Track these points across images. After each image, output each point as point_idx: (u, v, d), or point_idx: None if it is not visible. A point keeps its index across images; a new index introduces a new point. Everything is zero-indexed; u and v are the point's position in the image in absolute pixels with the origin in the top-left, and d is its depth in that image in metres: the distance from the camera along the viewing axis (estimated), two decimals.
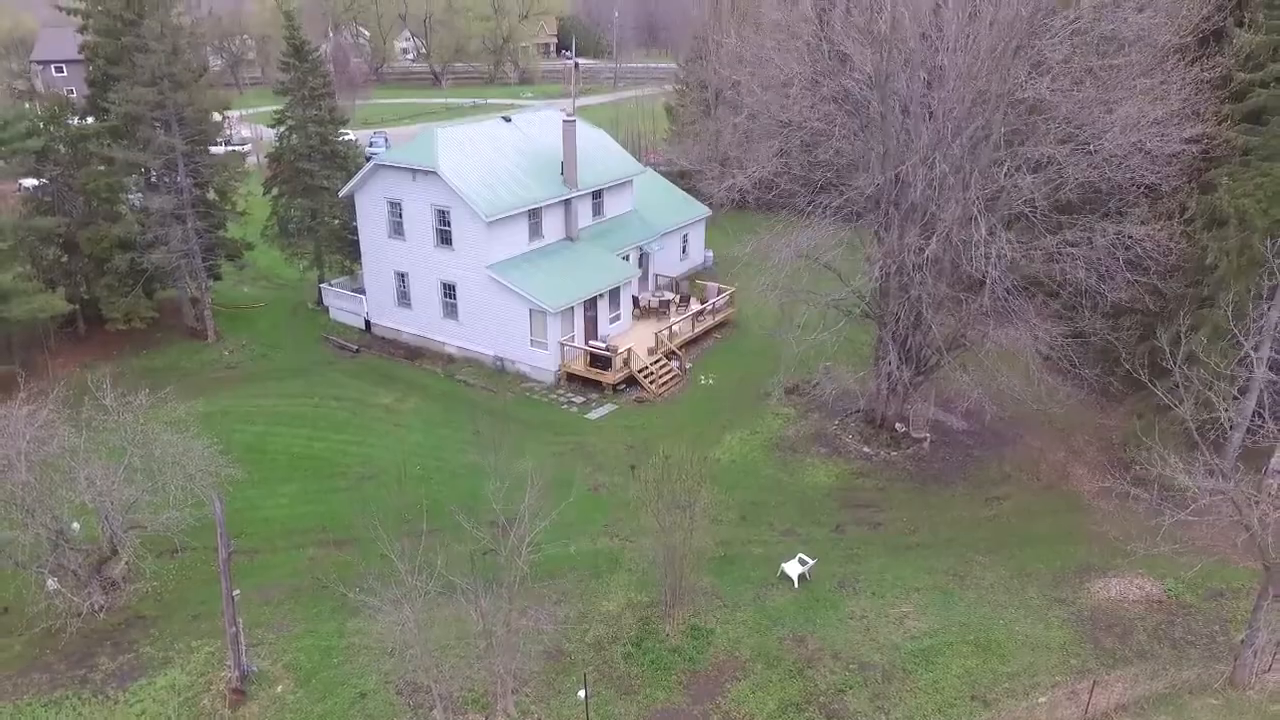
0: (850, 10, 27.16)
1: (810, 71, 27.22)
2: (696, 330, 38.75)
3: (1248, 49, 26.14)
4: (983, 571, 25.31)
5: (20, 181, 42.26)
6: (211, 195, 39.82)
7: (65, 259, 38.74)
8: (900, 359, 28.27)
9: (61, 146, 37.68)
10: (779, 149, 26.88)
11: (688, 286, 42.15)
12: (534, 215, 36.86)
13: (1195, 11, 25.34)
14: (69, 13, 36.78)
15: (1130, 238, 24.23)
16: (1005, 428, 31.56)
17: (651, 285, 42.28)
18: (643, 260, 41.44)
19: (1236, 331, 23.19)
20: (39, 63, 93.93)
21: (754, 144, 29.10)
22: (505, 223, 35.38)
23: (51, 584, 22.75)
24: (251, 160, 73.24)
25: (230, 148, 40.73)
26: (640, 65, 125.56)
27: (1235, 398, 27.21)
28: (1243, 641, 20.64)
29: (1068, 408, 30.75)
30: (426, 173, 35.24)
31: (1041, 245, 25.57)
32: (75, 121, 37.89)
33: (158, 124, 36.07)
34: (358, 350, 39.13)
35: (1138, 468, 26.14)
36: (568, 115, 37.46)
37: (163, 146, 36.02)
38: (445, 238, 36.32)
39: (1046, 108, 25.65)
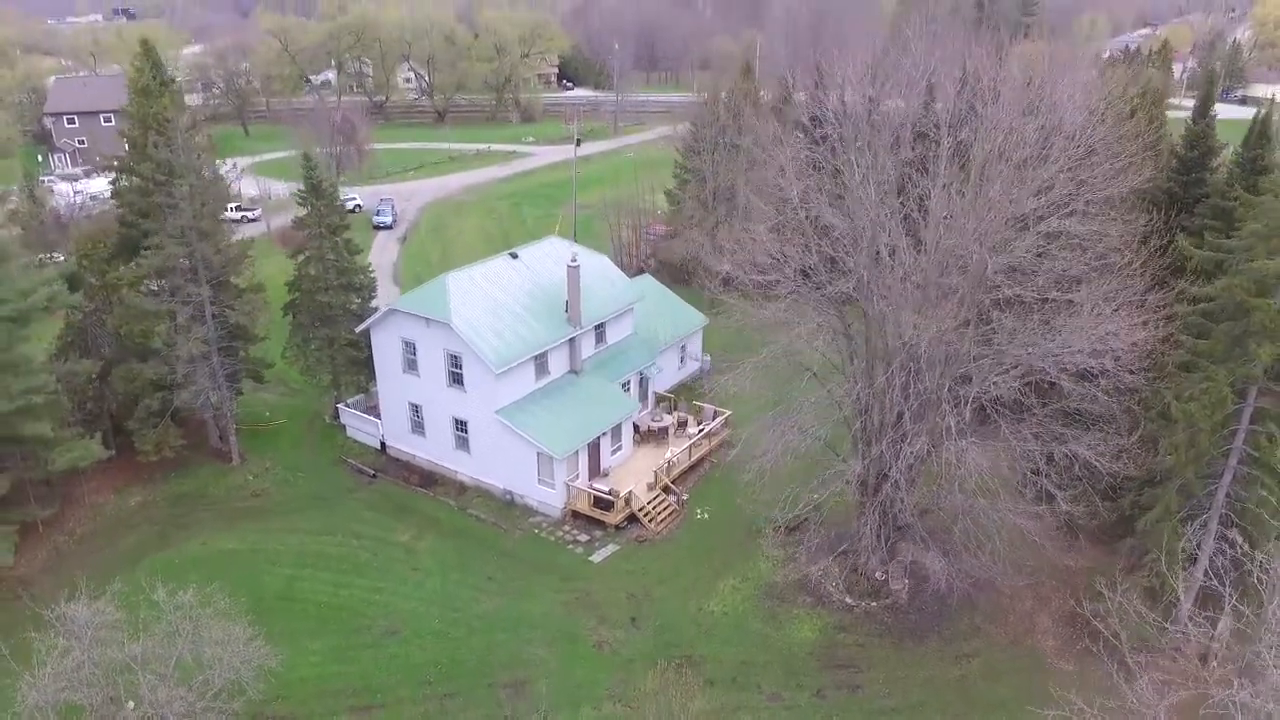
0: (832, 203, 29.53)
1: (796, 268, 29.69)
2: (694, 458, 41.25)
3: (1197, 265, 28.56)
4: None
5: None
6: (235, 320, 42.19)
7: (97, 384, 41.18)
8: (876, 537, 30.83)
9: (92, 279, 40.18)
10: (765, 355, 29.45)
11: (686, 407, 44.57)
12: (540, 355, 39.25)
13: (1153, 238, 27.91)
14: (106, 169, 39.01)
15: (1082, 456, 26.76)
16: (978, 571, 34.10)
17: (651, 403, 44.73)
18: (643, 383, 43.89)
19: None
20: (51, 115, 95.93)
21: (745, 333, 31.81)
22: (514, 369, 37.79)
23: None
24: (261, 228, 75.53)
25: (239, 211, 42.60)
26: (641, 98, 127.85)
27: (1185, 568, 30.15)
28: None
29: (1036, 558, 33.38)
30: (440, 322, 37.63)
31: (1007, 448, 28.10)
32: (107, 261, 40.18)
33: (186, 273, 38.44)
34: (375, 476, 41.65)
35: (1097, 620, 28.98)
36: (572, 261, 39.77)
37: (191, 294, 38.40)
38: (457, 379, 38.76)
39: (1013, 322, 28.13)
